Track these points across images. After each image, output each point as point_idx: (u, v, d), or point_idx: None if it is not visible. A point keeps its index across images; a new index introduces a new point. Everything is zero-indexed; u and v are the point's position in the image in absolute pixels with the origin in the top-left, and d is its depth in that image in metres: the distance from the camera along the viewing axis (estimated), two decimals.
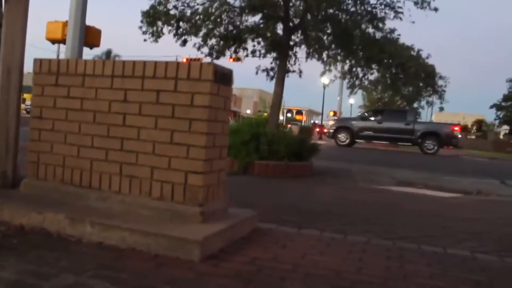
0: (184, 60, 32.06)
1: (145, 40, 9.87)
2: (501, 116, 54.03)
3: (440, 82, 11.16)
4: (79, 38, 8.36)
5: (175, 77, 2.78)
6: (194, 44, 10.13)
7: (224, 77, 2.85)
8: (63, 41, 8.90)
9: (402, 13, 9.45)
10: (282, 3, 9.31)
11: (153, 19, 9.64)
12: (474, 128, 65.71)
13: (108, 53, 53.52)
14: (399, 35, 9.61)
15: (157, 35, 9.84)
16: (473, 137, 61.74)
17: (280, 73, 9.58)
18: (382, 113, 23.82)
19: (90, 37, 8.93)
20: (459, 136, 23.77)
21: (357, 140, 23.12)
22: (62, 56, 8.68)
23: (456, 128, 23.15)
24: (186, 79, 2.75)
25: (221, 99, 2.86)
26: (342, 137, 22.39)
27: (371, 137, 22.97)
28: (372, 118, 23.23)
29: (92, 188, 2.95)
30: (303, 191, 5.90)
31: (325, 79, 32.76)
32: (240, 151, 6.90)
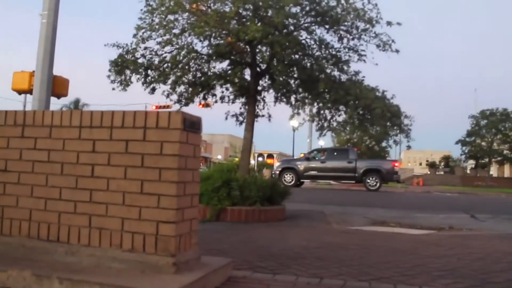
0: (154, 107, 32.14)
1: (113, 89, 9.85)
2: (466, 151, 55.47)
3: (405, 121, 11.45)
4: (47, 89, 8.31)
5: (144, 126, 2.77)
6: (163, 92, 10.17)
7: (193, 125, 2.86)
8: (29, 91, 8.82)
9: (365, 55, 9.75)
10: (248, 49, 9.49)
11: (121, 68, 9.66)
12: (442, 164, 67.18)
13: (76, 102, 53.18)
14: (364, 77, 9.88)
15: (125, 84, 9.83)
16: (442, 173, 63.09)
17: (249, 118, 9.66)
18: (324, 153, 24.35)
19: (58, 87, 8.89)
20: (399, 172, 24.52)
21: (302, 180, 23.46)
22: (29, 106, 8.57)
23: (396, 164, 23.93)
24: (155, 128, 2.74)
25: (191, 147, 2.85)
26: (288, 177, 22.69)
27: (316, 176, 23.45)
28: (316, 158, 23.69)
29: (60, 242, 2.86)
30: (277, 235, 5.85)
31: (294, 122, 33.19)
32: (212, 198, 6.84)
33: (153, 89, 10.02)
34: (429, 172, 63.36)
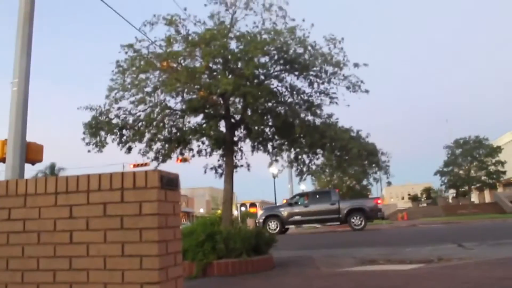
0: (131, 166, 31.86)
1: (89, 151, 9.76)
2: (445, 181, 56.09)
3: (383, 158, 11.56)
4: (20, 156, 8.20)
5: (121, 187, 2.74)
6: (139, 150, 10.11)
7: (171, 182, 2.84)
8: (2, 160, 8.69)
9: (336, 98, 9.93)
10: (221, 102, 9.59)
11: (95, 129, 9.62)
12: (424, 196, 67.64)
13: (52, 167, 52.42)
14: (338, 119, 10.02)
15: (100, 145, 9.76)
16: (424, 205, 63.40)
17: (228, 169, 9.64)
18: (307, 197, 24.41)
19: (32, 153, 8.79)
20: (383, 208, 24.71)
21: (287, 227, 23.37)
22: (2, 174, 8.42)
23: (379, 201, 24.10)
24: (132, 188, 2.71)
25: (170, 204, 2.82)
26: (272, 225, 22.59)
27: (300, 221, 23.41)
28: (299, 203, 23.70)
29: None
30: (266, 286, 5.74)
31: (273, 169, 33.26)
32: (197, 253, 6.71)
33: (129, 149, 9.97)
34: (412, 206, 63.60)
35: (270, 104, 9.75)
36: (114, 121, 9.77)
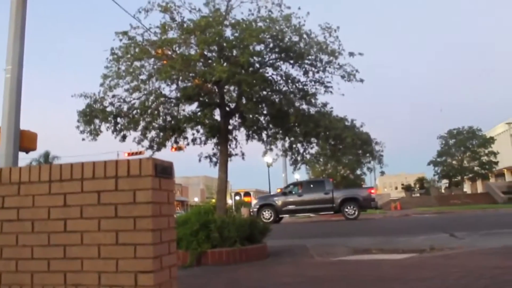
0: (126, 154, 31.78)
1: (83, 139, 9.72)
2: (439, 171, 56.32)
3: (377, 148, 11.56)
4: (14, 144, 8.14)
5: (115, 175, 2.73)
6: (134, 139, 10.08)
7: (165, 171, 2.83)
8: None
9: (331, 87, 9.92)
10: (216, 90, 9.55)
11: (90, 117, 9.57)
12: (417, 186, 67.96)
13: (46, 155, 52.16)
14: (332, 108, 10.02)
15: (95, 134, 9.72)
16: (418, 195, 63.73)
17: (223, 158, 9.63)
18: (301, 186, 24.44)
19: (26, 141, 8.73)
20: (376, 198, 24.81)
21: (281, 216, 23.42)
22: None
23: (372, 191, 24.18)
24: (126, 176, 2.70)
25: (164, 193, 2.81)
26: (267, 214, 22.62)
27: (294, 210, 23.44)
28: (293, 192, 23.73)
29: None
30: (260, 274, 5.76)
31: (268, 158, 33.33)
32: (191, 242, 6.72)
33: (124, 137, 9.94)
34: (405, 196, 63.93)
35: (265, 92, 9.73)
36: (109, 109, 9.72)
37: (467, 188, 71.05)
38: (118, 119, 9.81)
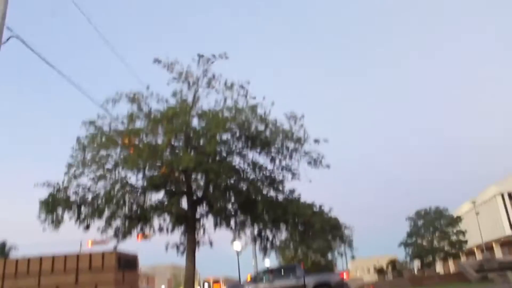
0: (90, 243, 30.71)
1: (44, 229, 9.41)
2: (410, 252, 55.99)
3: (346, 232, 11.62)
4: None
5: (76, 269, 2.65)
6: (98, 228, 9.83)
7: (129, 263, 2.78)
8: None
9: (298, 173, 10.07)
10: (183, 178, 9.55)
11: (52, 207, 9.34)
12: (389, 268, 67.22)
13: (3, 245, 49.54)
14: (300, 194, 10.11)
15: (57, 223, 9.44)
16: (391, 277, 62.77)
17: (190, 246, 9.44)
18: (272, 273, 23.95)
19: None
20: (349, 282, 24.38)
21: None
22: None
23: (344, 275, 23.82)
24: (88, 270, 2.63)
25: (127, 286, 2.74)
26: None
27: None
28: (264, 280, 23.17)
29: None
30: None
31: (237, 246, 32.73)
32: None
33: (87, 226, 9.68)
34: (378, 279, 62.96)
35: (232, 180, 9.78)
36: (72, 198, 9.55)
37: (439, 268, 70.61)
38: (82, 208, 9.61)
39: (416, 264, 64.28)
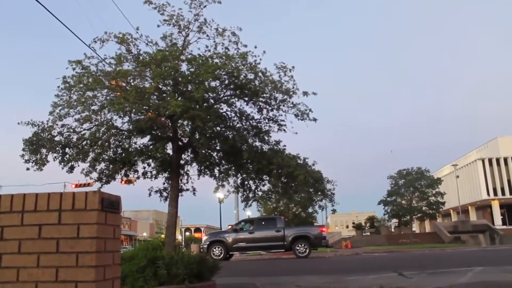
0: (73, 186, 30.78)
1: (28, 169, 9.37)
2: (388, 210, 57.34)
3: (328, 186, 11.77)
4: None
5: (59, 208, 2.61)
6: (82, 170, 9.80)
7: (112, 205, 2.73)
8: None
9: (285, 125, 10.04)
10: (170, 124, 9.48)
11: (36, 146, 9.26)
12: (368, 225, 68.98)
13: None
14: (285, 146, 10.12)
15: (41, 163, 9.39)
16: (368, 233, 64.62)
17: (173, 193, 9.47)
18: (252, 223, 24.37)
19: None
20: (327, 236, 24.89)
21: (232, 253, 23.17)
22: None
23: (324, 229, 24.29)
24: (70, 210, 2.59)
25: (110, 227, 2.71)
26: (217, 251, 22.30)
27: (245, 248, 23.24)
28: (244, 229, 23.58)
29: None
30: None
31: (220, 194, 33.08)
32: (137, 279, 6.47)
33: (72, 168, 9.65)
34: (356, 234, 64.70)
35: (218, 128, 9.74)
36: (57, 138, 9.46)
37: (415, 227, 72.77)
38: (67, 150, 9.54)
39: (394, 222, 66.02)
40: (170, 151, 9.78)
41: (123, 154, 9.84)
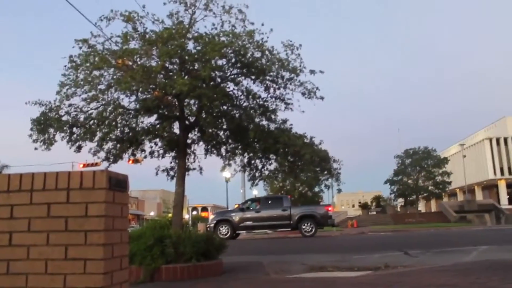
0: (81, 166, 30.97)
1: (36, 148, 9.41)
2: (395, 190, 57.43)
3: (335, 165, 11.69)
4: None
5: (67, 187, 2.62)
6: (90, 149, 9.83)
7: (119, 184, 2.74)
8: None
9: (292, 104, 9.99)
10: (176, 103, 9.45)
11: (44, 126, 9.28)
12: (374, 204, 69.23)
13: None
14: (292, 125, 10.08)
15: (49, 143, 9.42)
16: (374, 213, 64.93)
17: (180, 172, 9.49)
18: (259, 202, 24.49)
19: None
20: (333, 216, 24.98)
21: (238, 232, 23.36)
22: None
23: (330, 208, 24.37)
24: (78, 189, 2.60)
25: (118, 206, 2.73)
26: (223, 230, 22.48)
27: (251, 227, 23.42)
28: (251, 208, 23.71)
29: None
30: None
31: (226, 174, 33.22)
32: (145, 257, 6.56)
33: (79, 147, 9.68)
34: (362, 213, 64.97)
35: (225, 107, 9.70)
36: (64, 118, 9.46)
37: (421, 207, 72.92)
38: (74, 129, 9.55)
39: (400, 201, 66.19)
40: (177, 130, 9.76)
41: (130, 134, 9.84)
